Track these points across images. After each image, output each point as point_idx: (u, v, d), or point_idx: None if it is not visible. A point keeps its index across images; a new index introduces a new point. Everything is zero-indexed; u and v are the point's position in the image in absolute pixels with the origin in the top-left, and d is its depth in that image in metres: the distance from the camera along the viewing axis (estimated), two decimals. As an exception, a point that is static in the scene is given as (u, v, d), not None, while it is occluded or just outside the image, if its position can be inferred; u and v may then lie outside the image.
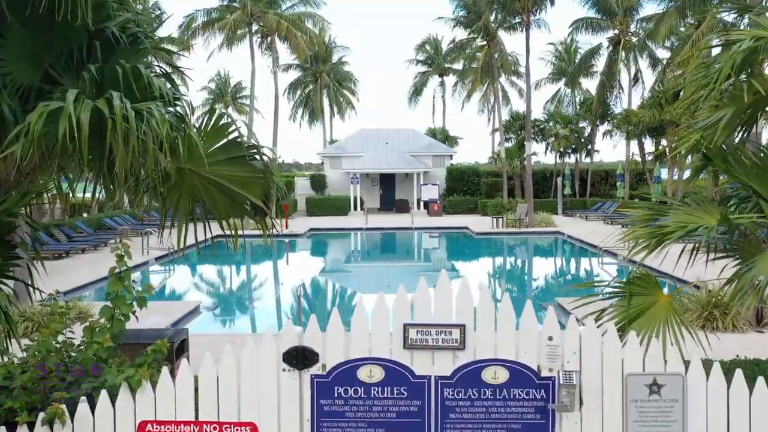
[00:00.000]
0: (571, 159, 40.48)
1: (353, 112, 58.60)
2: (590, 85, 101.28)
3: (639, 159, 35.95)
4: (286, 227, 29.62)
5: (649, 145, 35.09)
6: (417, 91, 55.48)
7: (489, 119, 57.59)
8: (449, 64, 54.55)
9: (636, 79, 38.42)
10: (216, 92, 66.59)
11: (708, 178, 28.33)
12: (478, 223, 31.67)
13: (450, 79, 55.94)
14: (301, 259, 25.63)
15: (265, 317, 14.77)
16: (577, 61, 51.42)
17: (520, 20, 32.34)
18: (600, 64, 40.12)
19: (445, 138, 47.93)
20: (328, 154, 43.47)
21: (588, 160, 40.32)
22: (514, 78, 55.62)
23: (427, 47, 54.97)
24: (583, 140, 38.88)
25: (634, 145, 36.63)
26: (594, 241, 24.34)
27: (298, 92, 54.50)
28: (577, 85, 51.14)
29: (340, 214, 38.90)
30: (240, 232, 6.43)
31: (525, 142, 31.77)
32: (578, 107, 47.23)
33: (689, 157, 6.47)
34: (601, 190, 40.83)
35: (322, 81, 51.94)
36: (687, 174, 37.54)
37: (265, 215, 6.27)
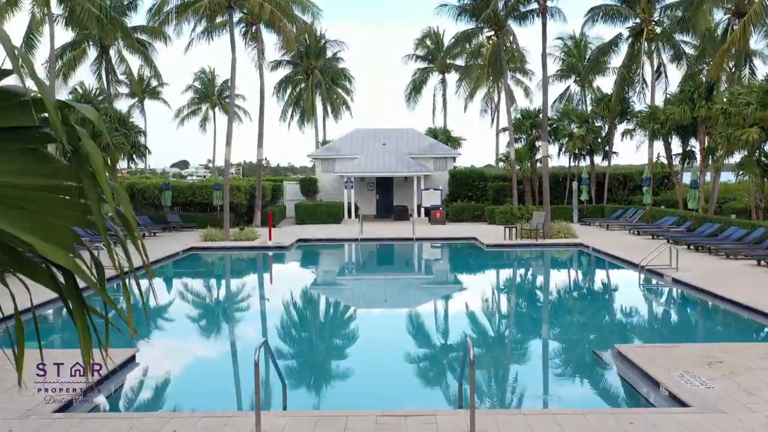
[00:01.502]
0: (586, 161, 36.89)
1: (348, 112, 54.95)
2: (602, 82, 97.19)
3: (664, 161, 32.36)
4: (270, 238, 25.93)
5: (676, 145, 31.56)
6: (416, 89, 51.80)
7: (493, 119, 54.09)
8: (451, 60, 50.96)
9: (659, 74, 34.87)
10: (201, 91, 62.90)
11: (753, 182, 24.85)
12: (487, 234, 28.03)
13: (452, 77, 52.40)
14: (285, 277, 21.93)
15: (230, 370, 11.04)
16: (588, 56, 48.42)
17: (534, 6, 28.79)
18: (617, 58, 36.69)
19: (447, 139, 44.28)
20: (320, 156, 39.80)
21: (605, 162, 36.73)
22: (519, 75, 52.15)
23: (428, 42, 51.34)
24: (600, 140, 35.28)
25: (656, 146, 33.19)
26: (624, 254, 20.79)
27: (288, 90, 50.77)
28: (589, 83, 48.06)
29: (332, 222, 35.24)
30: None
31: (540, 142, 28.15)
32: (592, 105, 43.71)
33: None
34: (619, 195, 37.26)
35: (314, 78, 48.25)
36: (725, 177, 33.99)
37: (74, 280, 2.47)
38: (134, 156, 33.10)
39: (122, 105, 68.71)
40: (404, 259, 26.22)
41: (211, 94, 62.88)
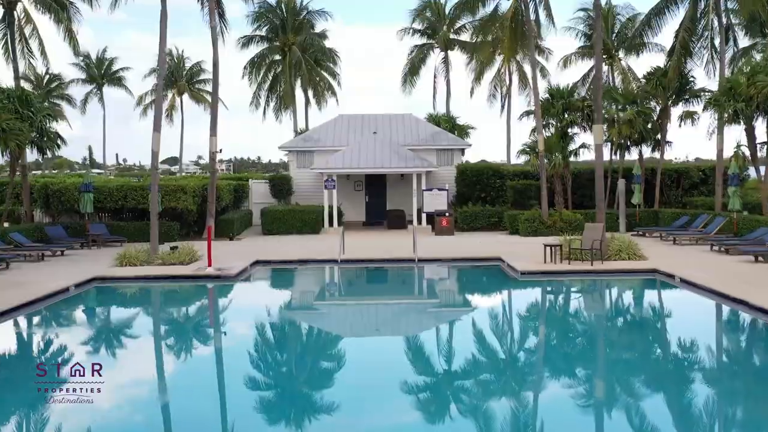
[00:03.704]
0: (631, 154, 29.23)
1: (334, 99, 47.07)
2: (632, 62, 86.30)
3: (744, 151, 24.61)
4: (209, 263, 18.02)
5: (760, 131, 23.90)
6: (413, 70, 43.81)
7: (503, 106, 46.30)
8: (455, 36, 43.08)
9: (726, 40, 27.11)
10: (167, 76, 54.85)
11: None
12: (515, 251, 20.30)
13: (456, 56, 44.62)
14: (225, 326, 14.03)
15: None
16: (616, 30, 41.26)
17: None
18: (668, 27, 29.00)
19: (453, 127, 36.43)
20: (295, 148, 31.94)
21: (656, 155, 29.02)
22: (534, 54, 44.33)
23: (428, 13, 43.36)
24: (651, 127, 27.57)
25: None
26: (744, 294, 13.11)
27: (262, 72, 42.76)
28: (617, 61, 40.83)
29: (309, 232, 27.52)
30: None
31: (594, 124, 20.35)
32: (620, 87, 36.46)
33: None
34: (672, 196, 29.58)
35: (292, 56, 40.31)
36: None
37: None
38: (43, 147, 25.07)
39: (77, 92, 61.02)
40: (400, 295, 18.18)
41: (179, 79, 54.94)
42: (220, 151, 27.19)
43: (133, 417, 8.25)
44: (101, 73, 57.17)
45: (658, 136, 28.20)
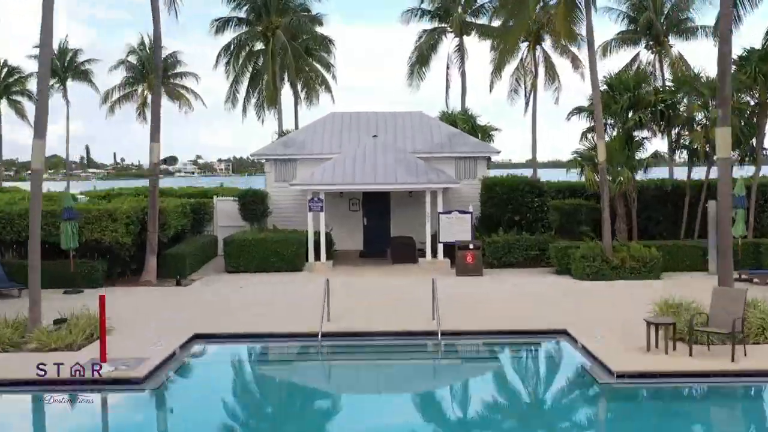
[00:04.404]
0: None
1: (329, 96, 40.17)
2: (683, 47, 78.79)
3: None
4: (103, 357, 10.94)
5: None
6: (422, 60, 36.58)
7: (527, 105, 39.08)
8: (473, 17, 35.95)
9: None
10: (138, 68, 47.84)
11: None
12: (582, 312, 13.26)
13: (472, 42, 37.52)
14: None
15: None
16: (665, 11, 34.75)
17: None
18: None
19: (472, 128, 29.26)
20: (272, 156, 24.88)
21: (749, 168, 21.99)
22: (564, 41, 37.29)
23: (440, -10, 36.29)
24: (748, 128, 20.57)
25: None
26: None
27: (240, 62, 35.69)
28: (668, 48, 34.29)
29: (287, 269, 20.55)
30: None
31: (717, 127, 13.11)
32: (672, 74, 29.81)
33: None
34: (764, 221, 22.54)
35: (276, 41, 33.26)
36: None
37: None
38: None
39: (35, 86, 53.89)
40: (414, 404, 11.16)
41: (150, 73, 47.79)
42: (165, 161, 20.21)
43: None
44: (64, 65, 50.24)
45: (753, 140, 21.19)
